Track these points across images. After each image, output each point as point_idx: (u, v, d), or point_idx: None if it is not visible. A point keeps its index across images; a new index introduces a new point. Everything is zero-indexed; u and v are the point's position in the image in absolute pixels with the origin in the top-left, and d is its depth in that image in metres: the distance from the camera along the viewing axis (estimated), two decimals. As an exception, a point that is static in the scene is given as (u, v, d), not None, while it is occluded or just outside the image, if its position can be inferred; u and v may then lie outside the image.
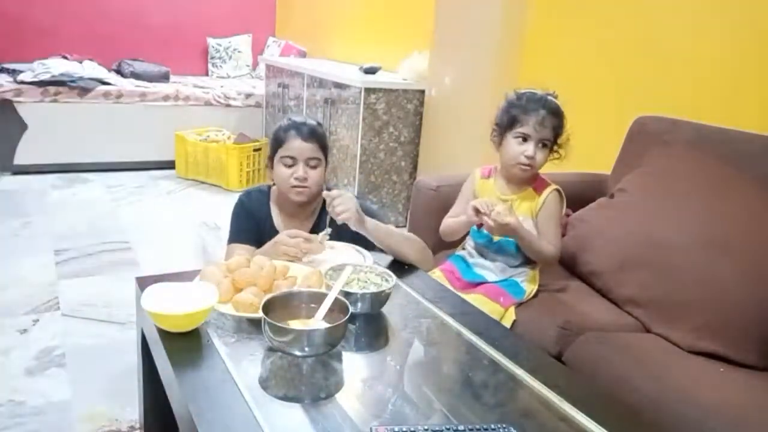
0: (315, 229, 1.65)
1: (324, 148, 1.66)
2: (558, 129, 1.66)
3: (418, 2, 3.54)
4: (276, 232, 1.60)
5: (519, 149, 1.66)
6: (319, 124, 1.69)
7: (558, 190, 1.73)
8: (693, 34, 2.16)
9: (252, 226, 1.67)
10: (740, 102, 2.01)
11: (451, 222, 1.80)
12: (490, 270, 1.75)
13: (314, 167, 1.62)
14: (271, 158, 1.67)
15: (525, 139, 1.65)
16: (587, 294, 1.79)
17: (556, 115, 1.64)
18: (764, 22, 1.94)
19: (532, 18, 2.77)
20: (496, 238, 1.73)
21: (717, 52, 2.09)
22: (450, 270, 1.78)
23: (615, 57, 2.44)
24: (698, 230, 1.62)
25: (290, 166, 1.61)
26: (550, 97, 1.67)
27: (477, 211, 1.60)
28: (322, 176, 1.65)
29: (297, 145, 1.60)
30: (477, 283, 1.73)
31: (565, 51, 2.67)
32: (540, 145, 1.65)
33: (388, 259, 1.62)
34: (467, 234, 1.85)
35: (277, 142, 1.64)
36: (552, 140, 1.66)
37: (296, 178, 1.60)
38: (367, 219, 1.55)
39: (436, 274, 1.76)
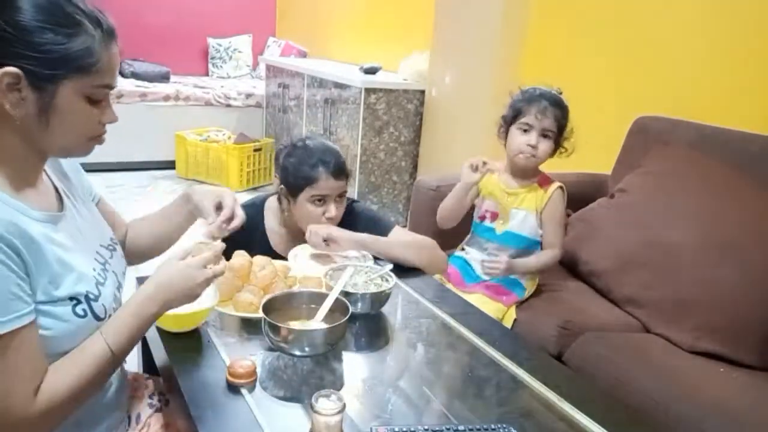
0: None
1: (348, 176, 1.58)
2: (561, 121, 1.68)
3: (418, 2, 3.54)
4: (270, 250, 1.56)
5: (522, 139, 1.69)
6: (334, 147, 1.59)
7: (561, 188, 1.76)
8: (693, 34, 2.16)
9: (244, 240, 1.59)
10: (740, 102, 2.01)
11: (446, 199, 1.79)
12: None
13: (341, 199, 1.56)
14: (294, 193, 1.53)
15: (527, 129, 1.68)
16: (587, 294, 1.79)
17: (557, 106, 1.67)
18: (764, 22, 1.94)
19: (532, 18, 2.77)
20: (499, 231, 1.74)
21: (717, 52, 2.09)
22: (450, 272, 1.78)
23: (615, 57, 2.44)
24: (698, 230, 1.62)
25: (320, 205, 1.52)
26: (553, 91, 1.70)
27: (474, 168, 1.66)
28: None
29: (330, 185, 1.51)
30: (478, 283, 1.74)
31: (565, 51, 2.67)
32: (542, 135, 1.67)
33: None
34: (466, 234, 1.86)
35: (306, 180, 1.50)
36: (555, 132, 1.68)
37: (329, 218, 1.52)
38: (358, 239, 1.49)
39: (436, 276, 1.76)
